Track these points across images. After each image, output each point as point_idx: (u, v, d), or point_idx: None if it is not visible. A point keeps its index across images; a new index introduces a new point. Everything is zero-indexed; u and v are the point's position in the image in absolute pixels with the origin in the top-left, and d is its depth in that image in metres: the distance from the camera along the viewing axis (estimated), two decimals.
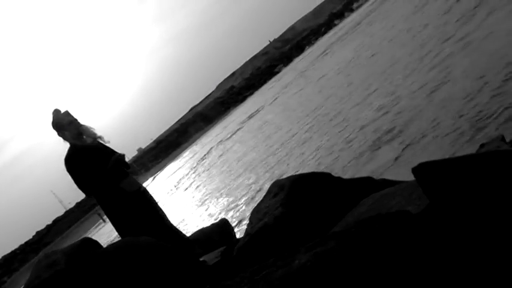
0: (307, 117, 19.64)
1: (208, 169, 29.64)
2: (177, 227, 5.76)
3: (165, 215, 5.58)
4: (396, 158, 8.85)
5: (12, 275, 70.35)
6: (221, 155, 31.43)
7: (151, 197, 5.64)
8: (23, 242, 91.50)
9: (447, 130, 8.28)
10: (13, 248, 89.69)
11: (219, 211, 15.11)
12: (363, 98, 15.33)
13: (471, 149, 6.68)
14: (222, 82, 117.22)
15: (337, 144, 12.72)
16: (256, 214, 4.86)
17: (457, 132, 7.92)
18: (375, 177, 5.44)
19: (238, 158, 23.94)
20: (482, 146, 5.67)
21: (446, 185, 2.70)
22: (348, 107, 16.00)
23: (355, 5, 72.65)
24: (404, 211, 2.76)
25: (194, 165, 39.06)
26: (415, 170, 2.84)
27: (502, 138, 5.53)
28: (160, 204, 5.72)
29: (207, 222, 13.49)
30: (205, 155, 40.84)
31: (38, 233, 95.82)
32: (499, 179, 2.57)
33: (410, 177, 3.12)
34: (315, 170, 8.91)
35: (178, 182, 36.63)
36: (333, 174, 5.02)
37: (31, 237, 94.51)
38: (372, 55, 21.74)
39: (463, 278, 2.41)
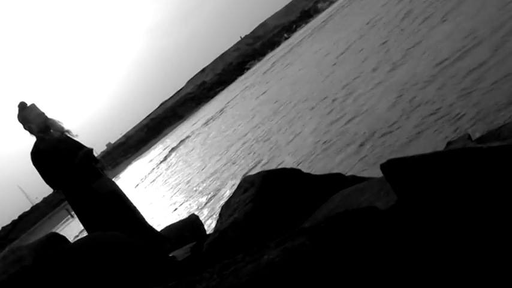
0: (273, 114, 19.77)
1: (177, 165, 29.52)
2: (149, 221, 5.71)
3: (136, 210, 5.52)
4: (362, 158, 8.93)
5: None
6: (189, 151, 31.36)
7: (122, 192, 5.58)
8: None
9: (413, 129, 8.40)
10: None
11: (189, 207, 15.05)
12: (322, 100, 15.54)
13: (439, 148, 6.78)
14: (192, 78, 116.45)
15: (304, 142, 12.79)
16: (226, 210, 4.85)
17: (424, 131, 8.03)
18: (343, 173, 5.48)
19: (206, 154, 23.89)
20: (449, 143, 5.75)
21: (414, 181, 2.73)
22: (306, 106, 16.19)
23: (321, 5, 72.83)
24: (373, 207, 2.78)
25: (162, 161, 38.87)
26: (383, 167, 2.86)
27: (469, 137, 5.62)
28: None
29: (177, 218, 13.42)
30: (173, 150, 40.69)
31: (3, 228, 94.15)
32: (466, 175, 2.61)
33: (379, 174, 3.15)
34: (285, 166, 8.93)
35: (145, 177, 36.41)
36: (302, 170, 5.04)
37: None
38: (342, 53, 21.91)
39: (429, 272, 2.44)
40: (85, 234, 5.35)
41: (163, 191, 23.03)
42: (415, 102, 9.56)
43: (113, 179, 5.75)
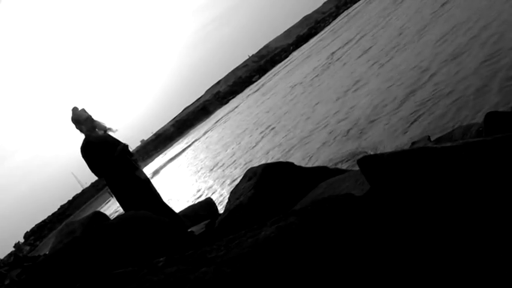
0: (272, 118, 19.78)
1: (194, 157, 29.48)
2: (169, 203, 5.73)
3: (159, 195, 5.56)
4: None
5: (43, 240, 69.38)
6: (205, 147, 31.35)
7: (149, 180, 5.60)
8: (50, 214, 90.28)
9: (385, 132, 8.37)
10: (43, 218, 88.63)
11: (205, 191, 15.04)
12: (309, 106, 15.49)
13: (405, 146, 6.77)
14: (209, 88, 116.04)
15: (296, 142, 12.76)
16: (234, 194, 4.86)
17: (395, 133, 8.01)
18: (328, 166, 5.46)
19: (217, 150, 23.83)
20: (413, 143, 5.75)
21: (384, 174, 2.72)
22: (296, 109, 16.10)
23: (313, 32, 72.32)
24: (350, 194, 2.76)
25: (181, 155, 38.90)
26: (359, 162, 2.85)
27: (428, 138, 5.61)
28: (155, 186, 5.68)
29: (195, 200, 13.43)
30: (192, 144, 40.67)
31: (61, 206, 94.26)
32: (426, 168, 2.60)
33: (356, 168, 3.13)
34: (280, 160, 8.91)
35: (168, 164, 36.26)
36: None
37: (56, 209, 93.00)
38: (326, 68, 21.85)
39: (393, 247, 2.43)
40: (121, 211, 5.40)
41: (184, 178, 22.97)
42: (388, 110, 9.54)
43: (143, 168, 5.77)
